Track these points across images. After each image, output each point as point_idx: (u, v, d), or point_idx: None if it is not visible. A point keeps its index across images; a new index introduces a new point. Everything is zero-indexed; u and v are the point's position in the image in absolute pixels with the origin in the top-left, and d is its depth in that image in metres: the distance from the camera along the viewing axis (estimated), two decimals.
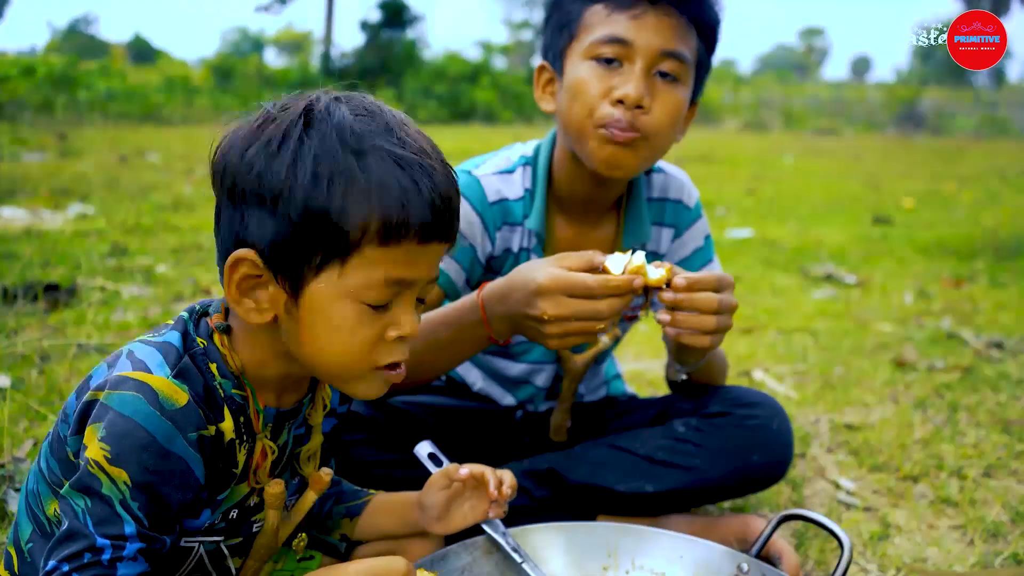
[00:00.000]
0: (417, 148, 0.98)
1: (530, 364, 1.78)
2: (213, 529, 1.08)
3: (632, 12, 1.48)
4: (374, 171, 0.95)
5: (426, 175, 0.97)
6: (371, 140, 0.96)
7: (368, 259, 0.96)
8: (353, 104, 1.00)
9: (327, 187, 0.93)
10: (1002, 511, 1.92)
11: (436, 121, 23.25)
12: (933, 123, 25.93)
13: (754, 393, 1.69)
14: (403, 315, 1.02)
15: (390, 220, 0.94)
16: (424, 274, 1.02)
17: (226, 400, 1.02)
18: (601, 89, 1.49)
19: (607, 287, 1.28)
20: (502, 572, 1.34)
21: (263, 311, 1.00)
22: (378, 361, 1.02)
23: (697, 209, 1.76)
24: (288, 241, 0.95)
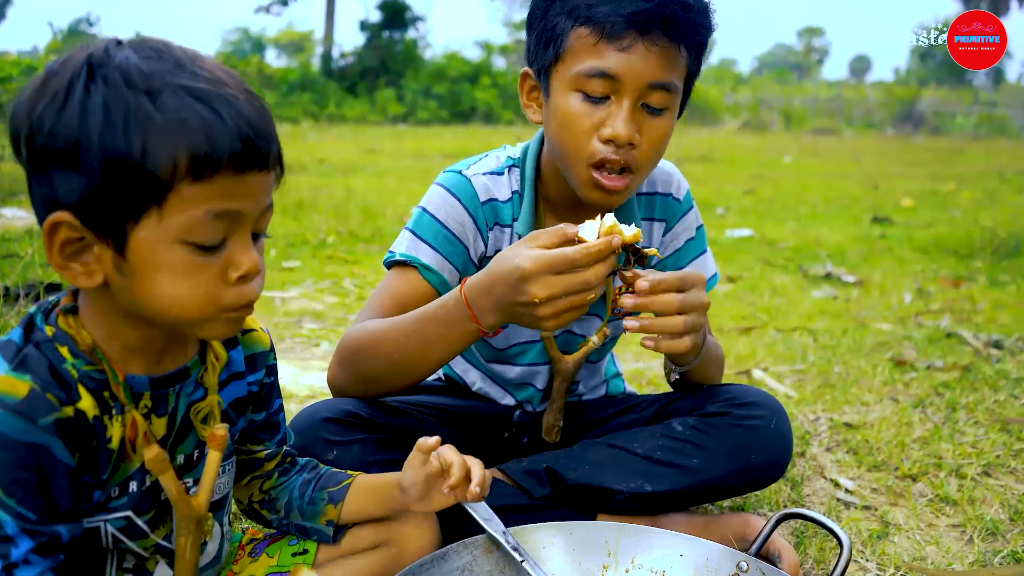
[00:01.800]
0: (213, 79, 0.95)
1: (527, 367, 1.78)
2: (111, 506, 1.06)
3: (620, 43, 1.41)
4: (170, 108, 0.91)
5: (227, 104, 0.94)
6: (161, 78, 0.92)
7: (185, 197, 0.92)
8: (137, 46, 0.96)
9: (123, 132, 0.90)
10: (1001, 510, 1.92)
11: (436, 121, 23.26)
12: (932, 123, 25.94)
13: (753, 392, 1.69)
14: (240, 253, 0.98)
15: (198, 154, 0.91)
16: (250, 206, 0.98)
17: (81, 379, 1.00)
18: (589, 125, 1.45)
19: (589, 254, 1.29)
20: (502, 571, 1.35)
21: (92, 273, 0.97)
22: (223, 303, 0.99)
23: (687, 200, 1.76)
24: (98, 194, 0.92)
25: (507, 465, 1.66)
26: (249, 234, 1.00)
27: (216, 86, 0.95)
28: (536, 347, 1.73)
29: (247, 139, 0.94)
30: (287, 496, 1.32)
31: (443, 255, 1.59)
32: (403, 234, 1.63)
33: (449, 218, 1.60)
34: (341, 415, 1.52)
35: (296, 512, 1.31)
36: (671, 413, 1.72)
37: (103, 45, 0.95)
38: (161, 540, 1.12)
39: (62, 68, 0.94)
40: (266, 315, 3.59)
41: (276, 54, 68.01)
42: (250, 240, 1.00)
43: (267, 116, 0.99)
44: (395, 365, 1.49)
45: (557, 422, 1.75)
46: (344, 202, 6.99)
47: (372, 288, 4.13)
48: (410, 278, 1.58)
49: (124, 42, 0.97)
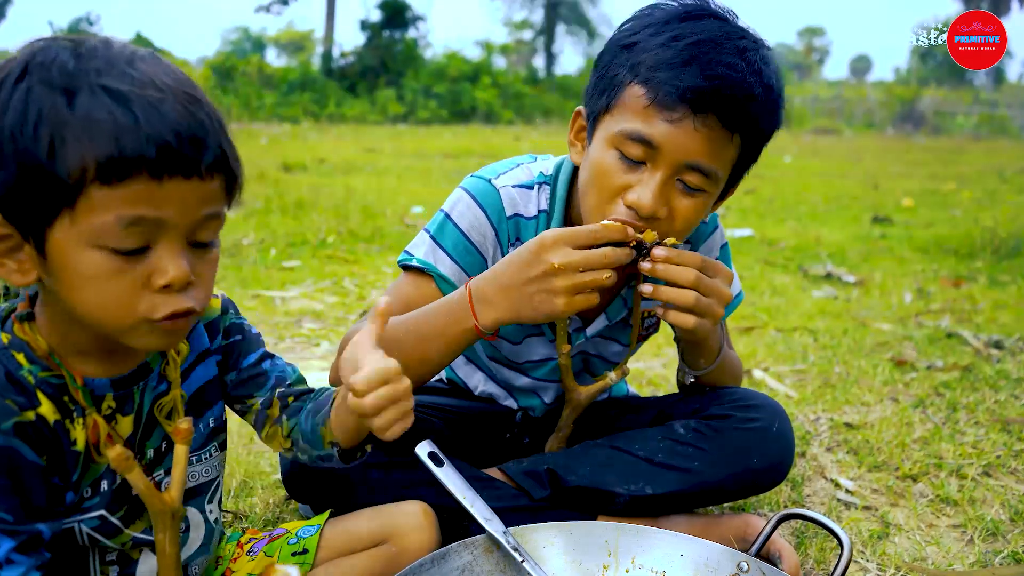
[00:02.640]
0: (143, 82, 0.91)
1: (537, 380, 1.76)
2: (85, 506, 1.06)
3: (670, 115, 1.34)
4: (83, 108, 0.89)
5: (150, 107, 0.90)
6: (85, 77, 0.90)
7: (96, 202, 0.89)
8: (77, 44, 0.94)
9: (34, 131, 0.88)
10: (1001, 510, 1.92)
11: (436, 121, 23.27)
12: (932, 122, 25.94)
13: (755, 395, 1.69)
14: (165, 261, 0.94)
15: (105, 157, 0.88)
16: (173, 215, 0.93)
17: (38, 385, 1.00)
18: (617, 185, 1.40)
19: (607, 228, 1.32)
20: (503, 571, 1.35)
21: (26, 272, 0.96)
22: (148, 313, 0.96)
23: (713, 221, 1.73)
24: (13, 193, 0.90)
25: (508, 466, 1.66)
26: (179, 242, 0.96)
27: (140, 88, 0.91)
28: (551, 364, 1.71)
29: (164, 144, 0.90)
30: (301, 433, 1.25)
31: (461, 266, 1.56)
32: (422, 237, 1.59)
33: (472, 228, 1.56)
34: None
35: (309, 446, 1.24)
36: (672, 415, 1.72)
37: (46, 42, 0.94)
38: (138, 534, 1.12)
39: (5, 64, 0.93)
40: (266, 315, 3.59)
41: (276, 53, 68.02)
42: (180, 248, 0.96)
43: (203, 122, 0.94)
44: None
45: (560, 448, 1.75)
46: (344, 202, 6.99)
47: (372, 288, 4.14)
48: (424, 286, 1.56)
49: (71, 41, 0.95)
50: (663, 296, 1.40)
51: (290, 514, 1.79)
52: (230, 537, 1.37)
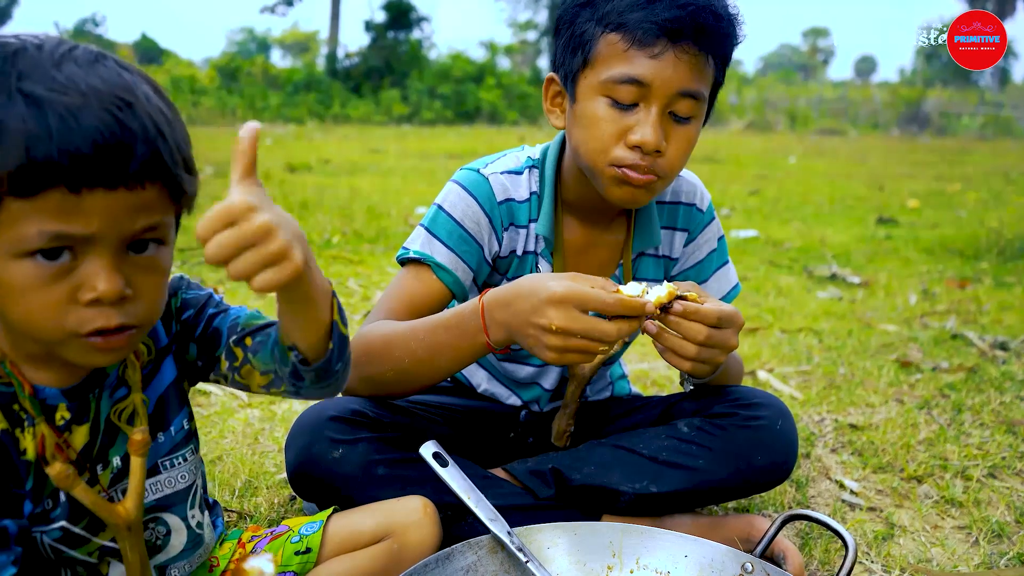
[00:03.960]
0: (65, 86, 0.86)
1: (537, 367, 1.78)
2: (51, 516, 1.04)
3: (651, 51, 1.41)
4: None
5: (64, 113, 0.84)
6: (6, 80, 0.85)
7: (14, 213, 0.85)
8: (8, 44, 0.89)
9: None
10: (1007, 511, 1.92)
11: (441, 121, 23.28)
12: (938, 123, 25.89)
13: (759, 393, 1.69)
14: (93, 275, 0.89)
15: (16, 167, 0.83)
16: (104, 228, 0.88)
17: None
18: (616, 130, 1.45)
19: (622, 304, 1.29)
20: (507, 571, 1.35)
21: None
22: (76, 328, 0.91)
23: (710, 212, 1.76)
24: None
25: (512, 465, 1.66)
26: (110, 254, 0.91)
27: (60, 92, 0.85)
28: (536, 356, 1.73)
29: (77, 154, 0.84)
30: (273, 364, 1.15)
31: (457, 254, 1.59)
32: (417, 231, 1.63)
33: (465, 217, 1.60)
34: (347, 413, 1.52)
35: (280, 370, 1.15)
36: (676, 414, 1.72)
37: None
38: (107, 542, 1.10)
39: None
40: (271, 315, 3.59)
41: (281, 54, 68.17)
42: (111, 261, 0.91)
43: (130, 129, 0.88)
44: (403, 371, 1.49)
45: (569, 428, 1.75)
46: (349, 202, 7.00)
47: (377, 288, 4.15)
48: (423, 276, 1.59)
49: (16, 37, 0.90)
50: (666, 344, 1.41)
51: (295, 513, 1.80)
52: (230, 535, 1.37)
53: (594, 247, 1.70)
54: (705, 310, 1.38)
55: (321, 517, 1.37)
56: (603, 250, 1.71)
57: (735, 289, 1.77)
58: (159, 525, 1.17)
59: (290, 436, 1.51)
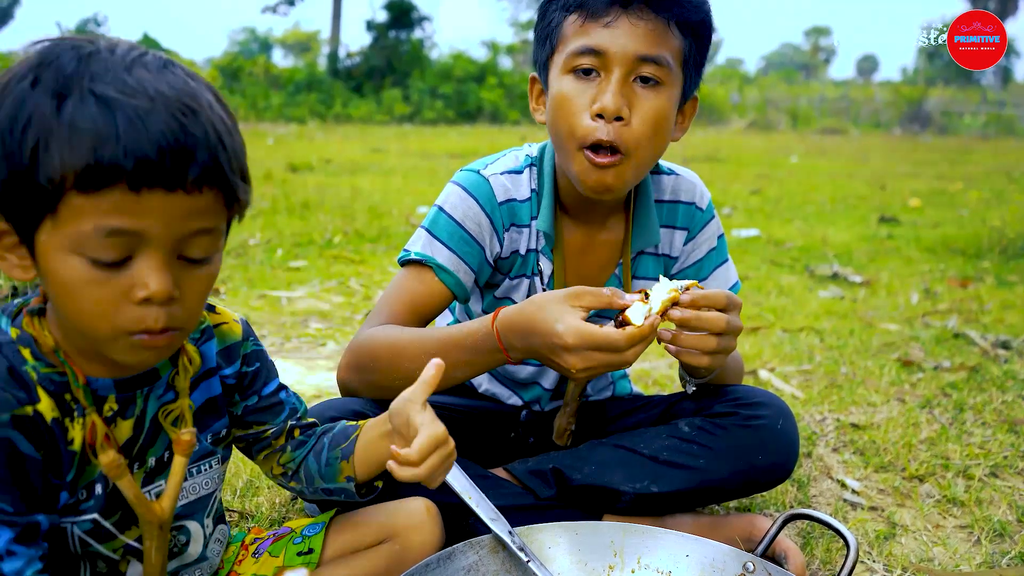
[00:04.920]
0: (135, 90, 0.89)
1: (538, 367, 1.78)
2: (81, 508, 1.06)
3: (604, 20, 1.45)
4: (69, 114, 0.88)
5: (135, 118, 0.88)
6: (79, 82, 0.89)
7: (76, 209, 0.89)
8: (82, 46, 0.93)
9: (21, 132, 0.88)
10: (1008, 511, 1.92)
11: (442, 121, 23.28)
12: (939, 122, 25.87)
13: (760, 393, 1.69)
14: (146, 274, 0.93)
15: (83, 166, 0.87)
16: (159, 228, 0.92)
17: (40, 382, 1.00)
18: (580, 103, 1.47)
19: (631, 338, 1.29)
20: (508, 570, 1.35)
21: (26, 268, 0.97)
22: (125, 326, 0.94)
23: (709, 210, 1.76)
24: (4, 194, 0.91)
25: (513, 465, 1.66)
26: (163, 255, 0.94)
27: (130, 96, 0.89)
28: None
29: (143, 157, 0.88)
30: (307, 466, 1.29)
31: (459, 256, 1.59)
32: (419, 233, 1.63)
33: (466, 218, 1.60)
34: (348, 415, 1.52)
35: (319, 478, 1.28)
36: (677, 413, 1.72)
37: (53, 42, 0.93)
38: (131, 542, 1.11)
39: (16, 64, 0.93)
40: (272, 315, 3.60)
41: (283, 54, 68.17)
42: (163, 262, 0.94)
43: (193, 135, 0.91)
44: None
45: (570, 426, 1.75)
46: (350, 202, 7.00)
47: (378, 288, 4.15)
48: (425, 278, 1.59)
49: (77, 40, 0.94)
50: (686, 344, 1.40)
51: (296, 513, 1.80)
52: (235, 538, 1.37)
53: (593, 246, 1.70)
54: (714, 293, 1.38)
55: (323, 519, 1.37)
56: (602, 249, 1.71)
57: (735, 287, 1.77)
58: (180, 533, 1.19)
59: None
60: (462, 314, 1.83)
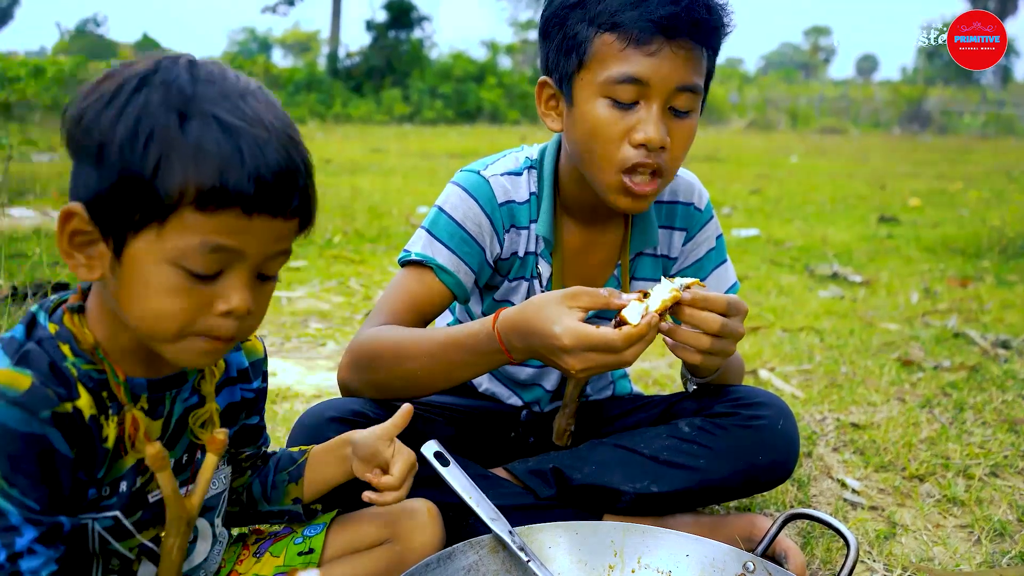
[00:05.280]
0: (253, 119, 0.96)
1: (538, 368, 1.78)
2: (102, 505, 1.07)
3: (648, 49, 1.41)
4: (194, 135, 0.93)
5: (255, 145, 0.94)
6: (201, 104, 0.94)
7: (186, 223, 0.93)
8: (198, 68, 0.98)
9: (144, 146, 0.92)
10: (1009, 510, 1.92)
11: (442, 121, 23.27)
12: (939, 122, 25.87)
13: (760, 392, 1.69)
14: (233, 289, 0.98)
15: (206, 186, 0.92)
16: (255, 248, 0.98)
17: (80, 378, 1.01)
18: (619, 131, 1.45)
19: (630, 338, 1.29)
20: (508, 570, 1.35)
21: (92, 268, 0.99)
22: (199, 331, 0.99)
23: (708, 210, 1.76)
24: (107, 198, 0.94)
25: (513, 465, 1.66)
26: (249, 273, 1.00)
27: (250, 124, 0.95)
28: None
29: (262, 184, 0.94)
30: (252, 490, 1.34)
31: (459, 256, 1.59)
32: (419, 233, 1.62)
33: (466, 219, 1.60)
34: (347, 415, 1.52)
35: (262, 501, 1.33)
36: (677, 413, 1.72)
37: (168, 59, 0.98)
38: (147, 542, 1.13)
39: (120, 72, 0.97)
40: (272, 315, 3.60)
41: (282, 54, 68.20)
42: (248, 279, 1.00)
43: (298, 166, 0.99)
44: (415, 381, 1.51)
45: (569, 426, 1.75)
46: (350, 202, 7.00)
47: (378, 288, 4.15)
48: (425, 278, 1.59)
49: (188, 61, 0.99)
50: (680, 339, 1.40)
51: None
52: (236, 539, 1.37)
53: (592, 248, 1.70)
54: (715, 296, 1.38)
55: (324, 520, 1.37)
56: (601, 251, 1.71)
57: (734, 287, 1.77)
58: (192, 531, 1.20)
59: (291, 437, 1.52)
60: (462, 314, 1.83)
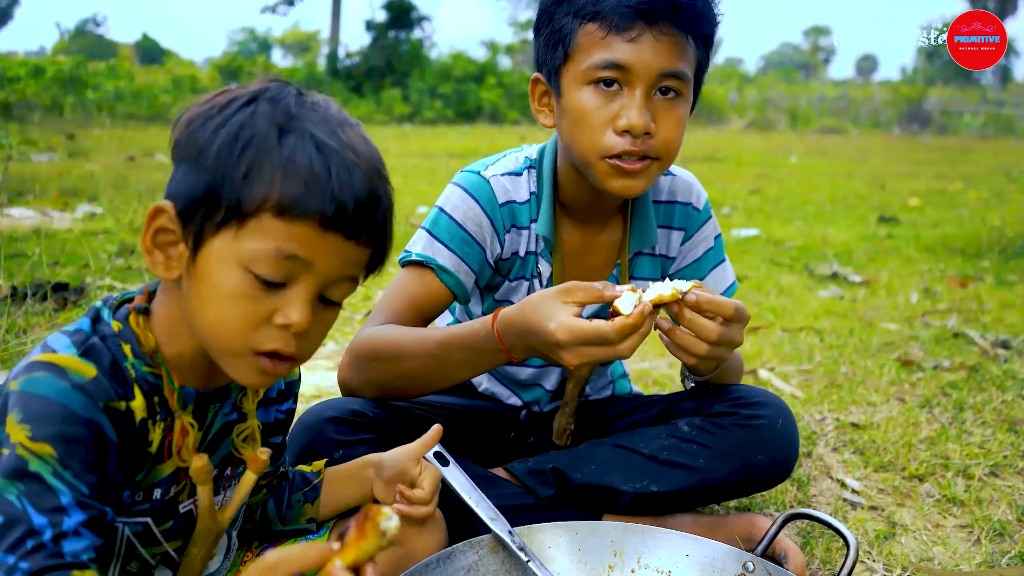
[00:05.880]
0: (346, 144, 1.00)
1: (538, 368, 1.78)
2: (133, 509, 1.08)
3: (629, 35, 1.43)
4: (289, 147, 0.97)
5: (343, 167, 0.98)
6: (300, 123, 0.99)
7: (264, 228, 0.96)
8: (305, 95, 1.03)
9: (240, 150, 0.97)
10: (1008, 510, 1.92)
11: (442, 121, 23.27)
12: (939, 122, 25.86)
13: (759, 392, 1.69)
14: (295, 302, 1.00)
15: (289, 195, 0.96)
16: (324, 263, 1.00)
17: (137, 380, 1.03)
18: (604, 118, 1.46)
19: (624, 329, 1.29)
20: (508, 570, 1.35)
21: (171, 268, 1.01)
22: (258, 344, 1.01)
23: (706, 210, 1.76)
24: (196, 196, 0.98)
25: (513, 465, 1.66)
26: (313, 291, 1.01)
27: (342, 148, 0.99)
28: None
29: (342, 203, 0.97)
30: (267, 509, 1.34)
31: (460, 256, 1.59)
32: (419, 233, 1.63)
33: (467, 219, 1.60)
34: (347, 414, 1.52)
35: (276, 520, 1.33)
36: (677, 413, 1.72)
37: (280, 83, 1.04)
38: (171, 550, 1.13)
39: (235, 90, 1.02)
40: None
41: (282, 54, 68.19)
42: (311, 295, 1.01)
43: (380, 198, 1.02)
44: (416, 380, 1.51)
45: (569, 425, 1.75)
46: None
47: (378, 288, 4.15)
48: (426, 279, 1.59)
49: (298, 89, 1.04)
50: (677, 340, 1.40)
51: None
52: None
53: (591, 247, 1.70)
54: (723, 300, 1.38)
55: (328, 522, 1.37)
56: (600, 250, 1.71)
57: (732, 287, 1.77)
58: None
59: (290, 437, 1.51)
60: (462, 314, 1.83)
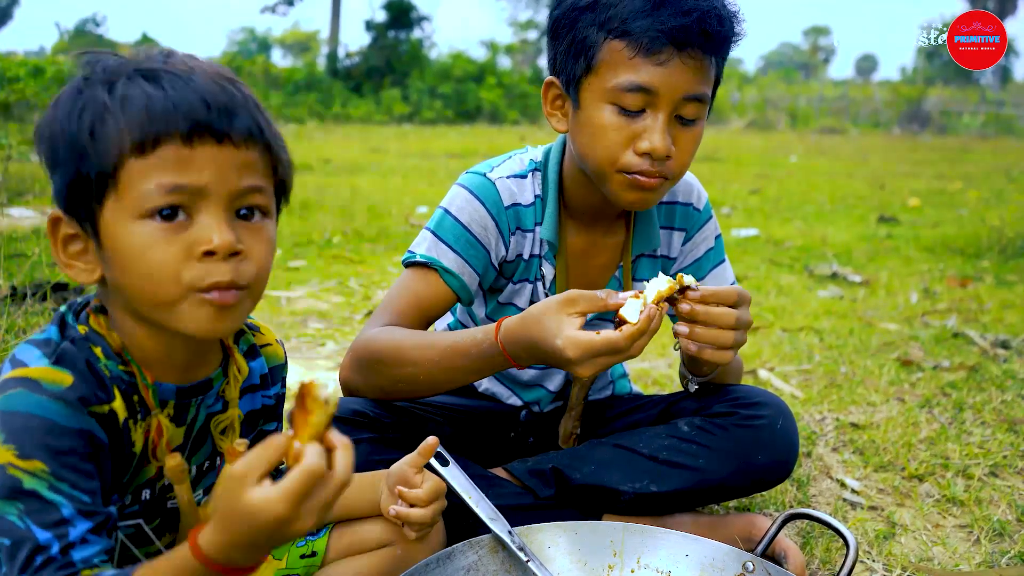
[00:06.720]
0: (174, 63, 0.99)
1: (541, 370, 1.78)
2: (125, 512, 1.07)
3: (658, 58, 1.40)
4: (120, 91, 0.96)
5: (178, 79, 0.96)
6: (124, 69, 0.98)
7: (135, 172, 0.95)
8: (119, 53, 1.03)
9: (78, 119, 0.96)
10: (1008, 510, 1.92)
11: (442, 121, 23.27)
12: (939, 122, 25.85)
13: (759, 392, 1.69)
14: (208, 228, 0.96)
15: (137, 128, 0.94)
16: (210, 181, 0.96)
17: (114, 380, 1.02)
18: (624, 137, 1.45)
19: (632, 337, 1.28)
20: (508, 570, 1.35)
21: (92, 270, 1.01)
22: (193, 282, 0.97)
23: (707, 211, 1.76)
24: (69, 183, 0.97)
25: (512, 465, 1.66)
26: (221, 211, 0.98)
27: (171, 67, 0.98)
28: None
29: (192, 111, 0.95)
30: None
31: (464, 259, 1.58)
32: (424, 234, 1.62)
33: (472, 221, 1.59)
34: (347, 414, 1.52)
35: None
36: (677, 413, 1.72)
37: (93, 54, 1.01)
38: (164, 548, 1.13)
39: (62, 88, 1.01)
40: (271, 315, 3.60)
41: (282, 54, 68.20)
42: (221, 215, 0.98)
43: (233, 95, 0.99)
44: (418, 384, 1.51)
45: (575, 429, 1.75)
46: (350, 202, 7.00)
47: (378, 288, 4.15)
48: (430, 280, 1.58)
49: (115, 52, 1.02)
50: (703, 340, 1.38)
51: None
52: None
53: (594, 250, 1.70)
54: (724, 289, 1.38)
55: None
56: (603, 253, 1.71)
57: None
58: None
59: None
60: (463, 315, 1.82)
